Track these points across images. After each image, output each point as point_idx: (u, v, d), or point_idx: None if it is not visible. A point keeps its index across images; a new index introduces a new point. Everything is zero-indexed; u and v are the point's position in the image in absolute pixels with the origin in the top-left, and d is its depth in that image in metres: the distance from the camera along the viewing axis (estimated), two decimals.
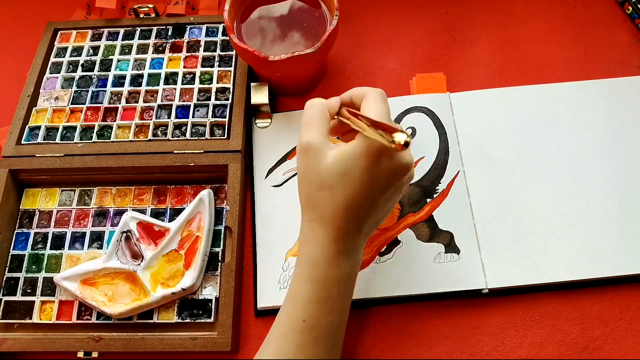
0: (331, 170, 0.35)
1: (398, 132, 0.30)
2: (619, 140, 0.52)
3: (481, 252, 0.48)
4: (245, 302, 0.49)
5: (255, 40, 0.53)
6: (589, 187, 0.50)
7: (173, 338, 0.45)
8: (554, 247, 0.48)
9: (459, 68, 0.58)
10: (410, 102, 0.55)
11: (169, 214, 0.51)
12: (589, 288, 0.47)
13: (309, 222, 0.37)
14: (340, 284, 0.37)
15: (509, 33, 0.60)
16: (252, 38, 0.53)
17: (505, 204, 0.50)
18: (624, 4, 0.60)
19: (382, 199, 0.36)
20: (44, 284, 0.49)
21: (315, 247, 0.36)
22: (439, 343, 0.46)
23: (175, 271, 0.47)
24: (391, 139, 0.30)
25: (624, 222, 0.48)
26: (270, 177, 0.53)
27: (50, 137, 0.54)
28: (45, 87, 0.57)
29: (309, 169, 0.36)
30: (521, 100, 0.54)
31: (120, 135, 0.54)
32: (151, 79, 0.57)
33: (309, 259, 0.37)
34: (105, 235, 0.51)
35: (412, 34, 0.61)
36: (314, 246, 0.37)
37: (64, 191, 0.53)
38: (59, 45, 0.60)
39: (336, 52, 0.60)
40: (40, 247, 0.50)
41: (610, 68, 0.57)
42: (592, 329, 0.46)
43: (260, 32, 0.53)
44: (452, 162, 0.51)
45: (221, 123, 0.53)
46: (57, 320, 0.47)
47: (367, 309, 0.48)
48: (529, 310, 0.47)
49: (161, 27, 0.60)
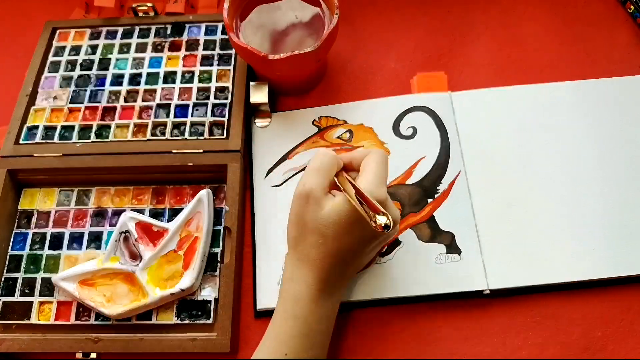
0: (327, 219, 0.38)
1: (380, 215, 0.32)
2: (619, 140, 0.52)
3: (482, 252, 0.47)
4: (245, 303, 0.49)
5: (254, 39, 0.53)
6: (590, 187, 0.50)
7: (172, 339, 0.44)
8: (555, 248, 0.47)
9: (460, 67, 0.58)
10: (411, 101, 0.54)
11: (167, 214, 0.51)
12: (591, 289, 0.47)
13: (295, 261, 0.40)
14: (321, 320, 0.40)
15: (509, 32, 0.60)
16: (252, 37, 0.53)
17: (506, 204, 0.49)
18: (625, 3, 0.60)
19: (368, 248, 0.40)
20: (42, 284, 0.48)
21: (300, 285, 0.39)
22: (440, 344, 0.46)
23: (174, 272, 0.47)
24: (374, 218, 0.33)
25: (625, 222, 0.48)
26: (270, 177, 0.52)
27: (48, 137, 0.54)
28: (43, 86, 0.57)
29: (306, 214, 0.39)
30: (522, 99, 0.54)
31: (119, 134, 0.54)
32: (150, 78, 0.56)
33: (293, 295, 0.39)
34: (104, 236, 0.50)
35: (413, 33, 0.61)
36: (299, 284, 0.39)
37: (62, 191, 0.53)
38: (58, 44, 0.60)
39: (336, 51, 0.59)
40: (38, 248, 0.50)
41: (610, 68, 0.57)
42: (594, 329, 0.46)
43: (260, 31, 0.53)
44: (453, 162, 0.51)
45: (220, 122, 0.53)
46: (55, 321, 0.47)
47: (367, 310, 0.47)
48: (530, 311, 0.46)
49: (160, 26, 0.60)
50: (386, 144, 0.53)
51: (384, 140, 0.53)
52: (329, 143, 0.53)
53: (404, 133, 0.53)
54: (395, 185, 0.51)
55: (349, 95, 0.57)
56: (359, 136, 0.53)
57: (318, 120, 0.55)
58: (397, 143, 0.53)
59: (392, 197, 0.50)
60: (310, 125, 0.54)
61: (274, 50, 0.52)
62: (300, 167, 0.52)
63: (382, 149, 0.52)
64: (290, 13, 0.54)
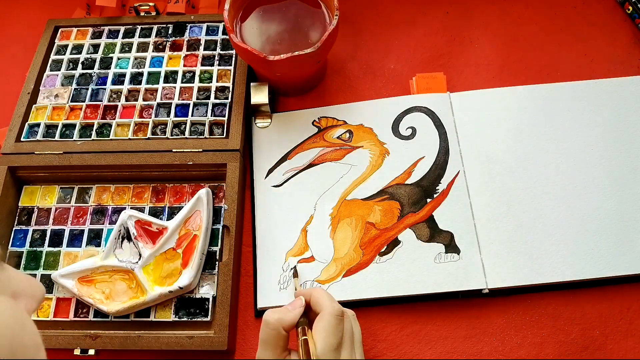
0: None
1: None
2: (619, 140, 0.52)
3: (481, 252, 0.47)
4: (245, 302, 0.49)
5: (255, 40, 0.53)
6: (589, 186, 0.50)
7: (170, 336, 0.44)
8: (554, 247, 0.47)
9: (459, 68, 0.58)
10: (410, 102, 0.54)
11: (167, 213, 0.51)
12: (589, 288, 0.47)
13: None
14: None
15: (509, 33, 0.60)
16: (252, 38, 0.53)
17: (505, 203, 0.49)
18: (624, 4, 0.60)
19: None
20: (41, 281, 0.48)
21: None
22: (439, 343, 0.46)
23: (173, 270, 0.47)
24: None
25: (624, 222, 0.48)
26: (270, 177, 0.53)
27: (49, 135, 0.54)
28: (45, 84, 0.57)
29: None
30: (521, 100, 0.54)
31: (120, 133, 0.54)
32: (151, 77, 0.57)
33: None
34: (104, 233, 0.50)
35: (412, 33, 0.61)
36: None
37: (62, 188, 0.53)
38: (60, 42, 0.60)
39: (336, 52, 0.60)
40: (38, 244, 0.50)
41: (610, 68, 0.57)
42: (593, 329, 0.45)
43: (260, 32, 0.53)
44: (452, 162, 0.51)
45: (220, 122, 0.53)
46: (54, 317, 0.47)
47: (367, 309, 0.47)
48: (529, 310, 0.46)
49: (161, 26, 0.60)
50: (385, 144, 0.53)
51: (384, 140, 0.53)
52: (329, 143, 0.53)
53: (403, 133, 0.53)
54: (395, 185, 0.51)
55: (348, 95, 0.57)
56: (359, 136, 0.53)
57: (318, 121, 0.55)
58: (396, 143, 0.53)
59: (391, 197, 0.50)
60: (310, 126, 0.55)
61: (275, 51, 0.52)
62: (300, 168, 0.53)
63: (381, 148, 0.52)
64: (290, 14, 0.54)
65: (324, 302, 0.39)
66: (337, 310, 0.38)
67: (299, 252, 0.49)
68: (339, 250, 0.49)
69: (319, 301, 0.39)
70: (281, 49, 0.52)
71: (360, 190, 0.51)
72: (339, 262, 0.48)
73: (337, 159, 0.53)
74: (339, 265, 0.48)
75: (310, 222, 0.50)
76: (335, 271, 0.48)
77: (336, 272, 0.48)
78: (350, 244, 0.49)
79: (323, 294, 0.40)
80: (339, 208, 0.50)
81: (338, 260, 0.48)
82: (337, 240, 0.49)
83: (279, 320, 0.38)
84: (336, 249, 0.49)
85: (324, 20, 0.53)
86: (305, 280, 0.48)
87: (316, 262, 0.48)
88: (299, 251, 0.49)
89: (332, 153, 0.53)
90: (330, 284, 0.47)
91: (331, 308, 0.38)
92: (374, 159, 0.52)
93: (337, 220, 0.50)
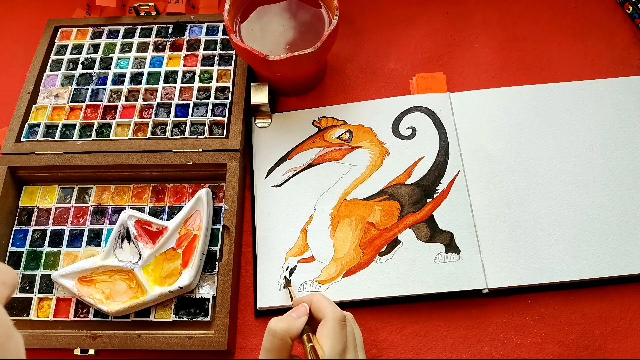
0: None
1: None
2: (619, 140, 0.52)
3: (481, 252, 0.47)
4: (245, 302, 0.49)
5: (255, 40, 0.53)
6: (589, 186, 0.50)
7: (170, 336, 0.44)
8: (554, 247, 0.47)
9: (459, 68, 0.58)
10: (411, 102, 0.54)
11: (167, 213, 0.51)
12: (589, 288, 0.47)
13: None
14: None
15: (509, 33, 0.60)
16: (252, 38, 0.53)
17: (505, 203, 0.49)
18: (624, 4, 0.60)
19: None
20: (41, 281, 0.48)
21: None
22: (439, 343, 0.46)
23: (173, 270, 0.47)
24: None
25: (624, 221, 0.48)
26: (270, 177, 0.53)
27: (49, 135, 0.54)
28: (45, 84, 0.57)
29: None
30: (521, 100, 0.54)
31: (120, 133, 0.54)
32: (151, 77, 0.57)
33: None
34: (104, 233, 0.50)
35: (412, 33, 0.61)
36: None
37: (62, 188, 0.53)
38: (60, 42, 0.60)
39: (336, 52, 0.60)
40: (38, 244, 0.50)
41: (610, 68, 0.57)
42: (593, 329, 0.45)
43: (260, 32, 0.53)
44: (452, 162, 0.51)
45: (220, 122, 0.53)
46: (54, 317, 0.47)
47: (367, 309, 0.47)
48: (529, 310, 0.46)
49: (161, 26, 0.60)
50: (385, 144, 0.53)
51: (384, 140, 0.53)
52: (328, 143, 0.53)
53: (403, 133, 0.53)
54: (395, 185, 0.51)
55: (348, 95, 0.57)
56: (359, 136, 0.53)
57: (318, 121, 0.55)
58: (396, 143, 0.53)
59: (391, 197, 0.50)
60: (310, 126, 0.55)
61: (274, 51, 0.52)
62: (300, 168, 0.53)
63: (381, 148, 0.52)
64: (290, 14, 0.54)
65: (325, 307, 0.39)
66: (339, 315, 0.38)
67: (299, 252, 0.49)
68: (339, 250, 0.49)
69: (320, 307, 0.39)
70: (281, 49, 0.52)
71: (360, 190, 0.51)
72: (339, 262, 0.48)
73: (337, 159, 0.53)
74: (339, 265, 0.48)
75: (310, 222, 0.50)
76: (335, 271, 0.48)
77: (336, 272, 0.48)
78: (350, 244, 0.49)
79: (323, 300, 0.40)
80: (339, 208, 0.50)
81: (338, 260, 0.48)
82: (337, 240, 0.49)
83: (286, 329, 0.37)
84: (336, 249, 0.49)
85: (323, 20, 0.53)
86: (305, 280, 0.48)
87: (316, 262, 0.48)
88: (299, 251, 0.49)
89: (332, 153, 0.53)
90: (330, 284, 0.47)
91: (333, 313, 0.38)
92: (374, 159, 0.52)
93: (337, 220, 0.50)
